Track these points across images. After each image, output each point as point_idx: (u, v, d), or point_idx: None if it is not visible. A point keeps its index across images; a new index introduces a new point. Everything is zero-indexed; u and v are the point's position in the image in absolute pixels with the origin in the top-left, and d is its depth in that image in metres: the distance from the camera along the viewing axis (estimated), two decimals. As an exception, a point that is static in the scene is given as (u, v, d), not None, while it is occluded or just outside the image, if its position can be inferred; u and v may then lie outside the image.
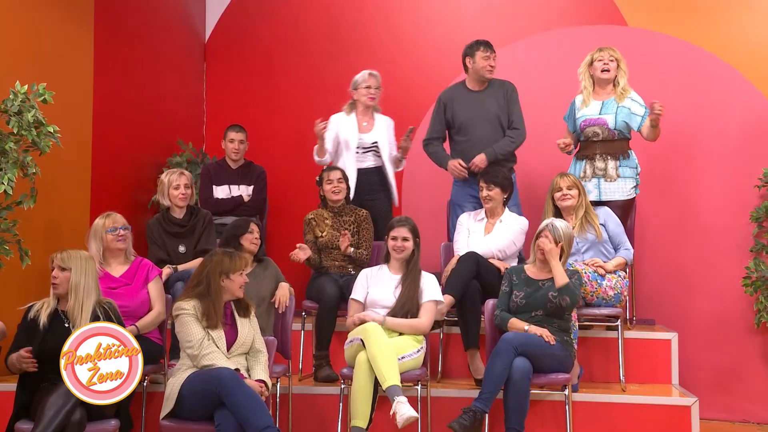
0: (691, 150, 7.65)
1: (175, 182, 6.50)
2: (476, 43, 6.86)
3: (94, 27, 7.41)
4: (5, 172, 5.95)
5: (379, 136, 7.04)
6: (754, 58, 7.63)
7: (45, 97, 6.12)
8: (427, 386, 5.85)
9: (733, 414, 7.28)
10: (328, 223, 6.59)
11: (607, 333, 6.41)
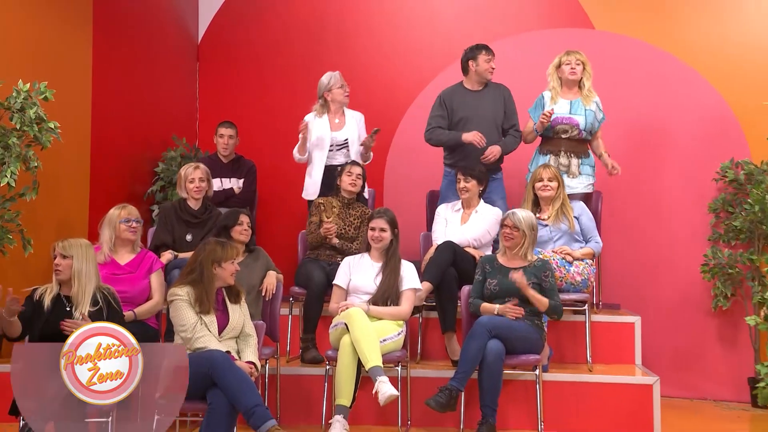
0: (654, 146, 7.67)
1: (190, 176, 6.48)
2: (478, 47, 6.85)
3: (92, 29, 7.38)
4: (8, 166, 5.94)
5: (350, 133, 6.97)
6: (711, 59, 7.67)
7: (46, 95, 6.11)
8: (407, 367, 5.85)
9: (692, 392, 7.33)
10: (335, 211, 6.55)
11: (575, 317, 6.42)
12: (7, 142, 5.97)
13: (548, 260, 5.91)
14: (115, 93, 7.59)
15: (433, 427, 5.78)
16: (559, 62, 6.73)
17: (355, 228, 6.54)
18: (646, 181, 7.68)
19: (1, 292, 5.09)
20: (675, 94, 7.69)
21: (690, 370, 7.40)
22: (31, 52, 6.66)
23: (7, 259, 6.13)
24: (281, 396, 5.98)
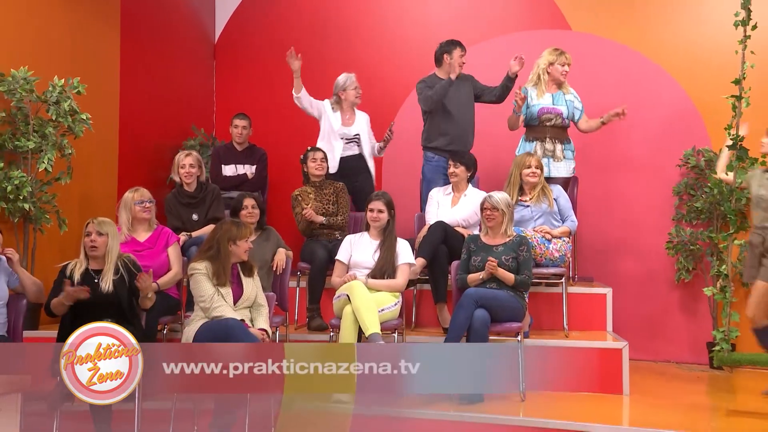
0: (623, 136, 7.65)
1: (181, 162, 6.50)
2: (453, 43, 6.83)
3: (120, 31, 7.38)
4: (46, 153, 5.94)
5: (360, 128, 7.02)
6: (675, 57, 7.65)
7: (79, 89, 6.12)
8: (402, 334, 5.84)
9: (657, 355, 7.34)
10: (311, 197, 6.56)
11: (552, 289, 6.42)
12: (44, 131, 5.98)
13: (526, 237, 5.90)
14: (140, 88, 7.57)
15: (425, 387, 5.78)
16: (549, 62, 6.69)
17: (333, 203, 6.56)
18: (616, 167, 7.67)
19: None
20: (642, 88, 7.67)
21: (655, 335, 7.41)
22: (65, 51, 6.64)
23: (45, 236, 6.14)
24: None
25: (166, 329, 5.82)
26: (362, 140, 7.02)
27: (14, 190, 5.76)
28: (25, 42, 6.25)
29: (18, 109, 5.95)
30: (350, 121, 7.02)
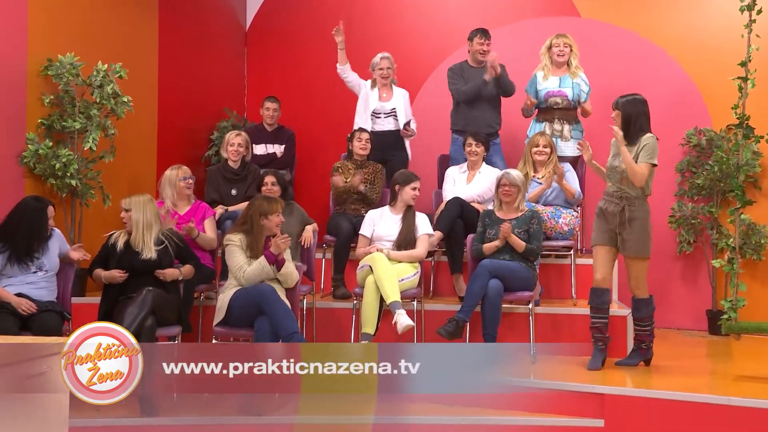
0: (630, 116, 7.60)
1: (231, 140, 6.54)
2: (475, 31, 6.81)
3: (158, 18, 7.37)
4: (91, 133, 5.98)
5: (396, 103, 6.98)
6: (678, 41, 7.57)
7: (121, 74, 6.13)
8: (421, 302, 5.87)
9: (659, 322, 7.16)
10: (351, 172, 6.56)
11: (562, 260, 6.41)
12: (89, 113, 6.01)
13: (538, 211, 5.90)
14: (177, 72, 7.58)
15: (442, 351, 5.81)
16: (550, 44, 6.67)
17: (370, 182, 6.55)
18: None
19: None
20: (647, 71, 7.60)
21: (658, 303, 7.18)
22: (108, 38, 6.66)
23: (90, 210, 6.19)
24: (317, 325, 6.03)
25: (202, 296, 5.89)
26: (399, 115, 6.97)
27: (62, 168, 5.81)
28: (71, 30, 6.28)
29: (65, 92, 5.98)
30: (387, 97, 7.00)
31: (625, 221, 5.20)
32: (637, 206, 5.20)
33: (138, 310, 4.87)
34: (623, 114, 5.25)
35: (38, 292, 4.89)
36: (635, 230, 5.20)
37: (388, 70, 6.99)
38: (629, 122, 5.24)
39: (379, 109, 6.96)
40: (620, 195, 5.22)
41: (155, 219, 5.26)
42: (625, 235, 5.23)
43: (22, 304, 4.72)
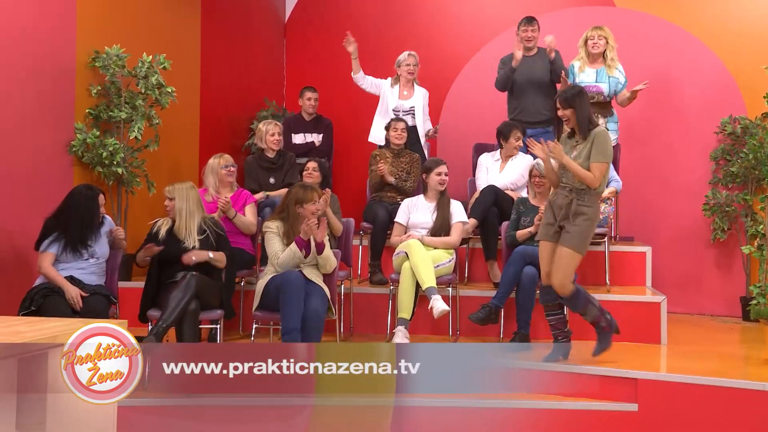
0: (665, 105, 7.54)
1: (270, 131, 6.52)
2: (522, 19, 6.75)
3: (201, 10, 7.43)
4: (136, 123, 6.03)
5: (416, 102, 6.96)
6: (714, 30, 7.49)
7: (165, 65, 6.16)
8: (456, 288, 5.87)
9: (693, 308, 7.28)
10: (388, 160, 6.57)
11: (596, 247, 6.36)
12: (134, 103, 6.06)
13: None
14: (218, 63, 7.64)
15: (477, 337, 5.81)
16: (586, 37, 6.60)
17: (406, 171, 6.54)
18: (657, 135, 7.56)
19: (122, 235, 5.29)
20: (682, 60, 7.53)
21: (691, 290, 7.35)
22: (153, 30, 6.72)
23: (136, 198, 6.26)
24: (354, 310, 6.05)
25: (243, 282, 5.94)
26: (416, 113, 6.97)
27: (109, 156, 5.88)
28: (117, 22, 6.35)
29: (111, 83, 6.05)
30: (408, 95, 6.98)
31: (570, 214, 4.82)
32: (585, 201, 4.81)
33: (182, 294, 4.93)
34: (577, 111, 4.82)
35: (88, 277, 4.97)
36: (577, 223, 4.79)
37: (414, 67, 6.97)
38: (583, 118, 4.83)
39: (398, 107, 6.95)
40: (571, 188, 4.85)
41: (197, 207, 5.30)
42: (567, 227, 4.83)
43: (73, 297, 4.79)
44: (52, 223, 4.96)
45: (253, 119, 8.02)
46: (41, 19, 5.67)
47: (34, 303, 4.70)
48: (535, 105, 6.66)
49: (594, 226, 4.90)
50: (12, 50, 5.43)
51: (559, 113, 4.91)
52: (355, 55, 6.99)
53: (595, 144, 4.77)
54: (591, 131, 4.82)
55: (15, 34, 5.45)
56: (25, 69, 5.54)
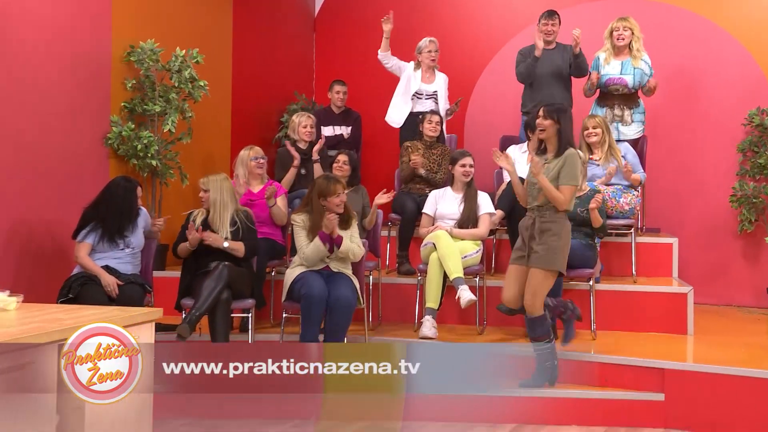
0: (693, 97, 7.47)
1: (303, 122, 6.51)
2: (542, 13, 6.70)
3: (233, 5, 7.47)
4: (170, 116, 6.07)
5: (438, 86, 6.95)
6: (742, 22, 7.40)
7: (198, 59, 6.19)
8: (483, 278, 5.84)
9: (720, 299, 7.21)
10: (420, 152, 6.56)
11: (622, 239, 6.33)
12: (168, 96, 6.10)
13: (600, 191, 5.82)
14: (249, 58, 7.67)
15: (503, 327, 5.79)
16: (611, 29, 6.54)
17: (438, 164, 6.52)
18: (685, 126, 7.49)
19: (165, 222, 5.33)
20: (709, 52, 7.45)
21: (718, 282, 7.28)
22: (186, 25, 6.77)
23: (169, 189, 6.32)
24: (382, 300, 6.06)
25: (274, 272, 5.97)
26: (439, 97, 6.95)
27: (143, 149, 5.93)
28: (151, 17, 6.39)
29: (146, 77, 6.10)
30: (430, 79, 6.97)
31: (535, 233, 4.64)
32: (548, 217, 4.63)
33: (215, 283, 4.97)
34: (561, 126, 4.64)
35: (124, 267, 5.02)
36: (544, 241, 4.60)
37: (435, 53, 6.96)
38: (561, 135, 4.65)
39: (421, 91, 6.94)
40: (533, 208, 4.70)
41: (231, 198, 5.32)
42: (533, 246, 4.65)
43: (109, 285, 4.84)
44: (91, 213, 5.01)
45: (283, 112, 8.04)
46: (78, 16, 5.73)
47: (72, 291, 4.77)
48: (553, 98, 6.60)
49: (564, 241, 4.66)
50: (51, 46, 5.49)
51: (538, 122, 4.68)
52: (387, 35, 6.98)
53: (567, 165, 4.59)
54: (565, 152, 4.64)
55: (54, 30, 5.51)
56: (63, 64, 5.60)
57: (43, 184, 5.43)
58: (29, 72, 5.35)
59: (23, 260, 5.28)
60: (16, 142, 5.25)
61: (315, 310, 5.03)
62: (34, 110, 5.39)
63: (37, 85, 5.41)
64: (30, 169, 5.35)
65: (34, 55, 5.38)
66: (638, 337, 5.61)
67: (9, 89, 5.20)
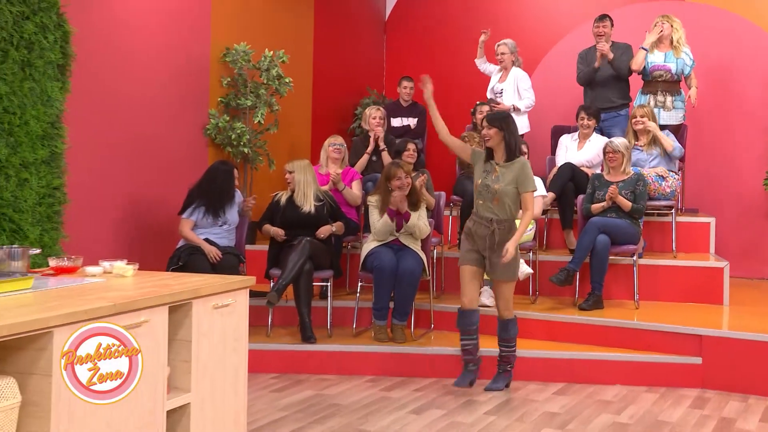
0: (729, 88, 7.22)
1: (373, 115, 6.48)
2: (596, 18, 6.58)
3: (314, 11, 7.48)
4: (259, 109, 6.15)
5: (506, 85, 6.82)
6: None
7: (283, 59, 6.26)
8: (536, 253, 5.79)
9: (753, 273, 7.00)
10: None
11: (664, 218, 6.18)
12: (258, 92, 6.18)
13: (643, 174, 5.69)
14: (328, 57, 7.69)
15: (555, 297, 5.74)
16: (654, 24, 6.39)
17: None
18: (722, 116, 7.25)
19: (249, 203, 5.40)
20: (745, 48, 7.18)
21: (752, 257, 7.04)
22: (273, 29, 6.82)
23: (259, 173, 6.40)
24: (445, 272, 6.04)
25: (349, 246, 6.01)
26: (505, 95, 6.80)
27: (237, 138, 6.02)
28: (244, 22, 6.46)
29: (239, 76, 6.18)
30: (502, 78, 6.89)
31: (495, 245, 4.36)
32: (506, 228, 4.36)
33: (298, 256, 5.03)
34: (505, 134, 4.35)
35: (221, 240, 5.12)
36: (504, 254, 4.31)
37: (502, 54, 6.86)
38: (510, 141, 4.36)
39: (496, 89, 6.88)
40: (490, 218, 4.37)
41: (313, 180, 5.40)
42: (494, 259, 4.37)
43: (211, 252, 4.95)
44: (195, 193, 5.12)
45: (357, 105, 8.06)
46: (183, 25, 5.83)
47: (181, 260, 4.89)
48: (605, 93, 6.51)
49: (517, 248, 4.41)
50: (158, 49, 5.62)
51: (484, 132, 4.41)
52: (482, 44, 6.94)
53: (524, 173, 4.33)
54: (516, 158, 4.37)
55: (163, 37, 5.64)
56: (170, 66, 5.72)
57: (152, 169, 5.57)
58: (143, 73, 5.49)
59: (137, 233, 5.43)
60: (131, 132, 5.39)
61: (385, 280, 5.06)
62: (147, 105, 5.53)
63: (149, 84, 5.54)
64: (142, 156, 5.49)
65: (147, 59, 5.52)
66: (678, 307, 5.49)
67: (128, 88, 5.35)
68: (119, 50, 5.28)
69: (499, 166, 4.37)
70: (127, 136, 5.35)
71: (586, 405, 4.39)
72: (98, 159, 5.11)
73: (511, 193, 4.35)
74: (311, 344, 4.99)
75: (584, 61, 6.61)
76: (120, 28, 5.28)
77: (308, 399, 4.42)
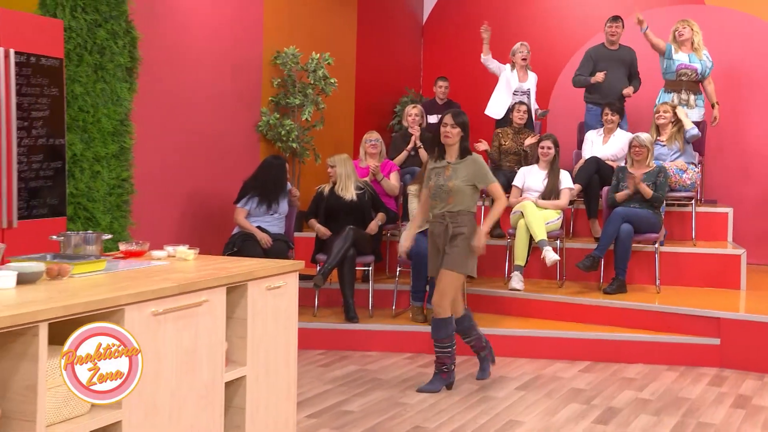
0: (746, 87, 7.06)
1: (410, 112, 6.48)
2: (609, 18, 6.51)
3: (357, 16, 7.48)
4: (306, 107, 6.18)
5: (531, 84, 6.80)
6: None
7: (329, 61, 6.27)
8: (563, 241, 5.74)
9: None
10: (509, 137, 6.46)
11: (684, 208, 6.08)
12: (305, 92, 6.21)
13: (665, 167, 5.60)
14: (369, 59, 7.69)
15: (581, 282, 5.68)
16: (674, 29, 6.27)
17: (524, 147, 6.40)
18: (739, 113, 7.08)
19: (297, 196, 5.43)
20: (759, 46, 7.02)
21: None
22: (320, 32, 6.85)
23: (306, 166, 6.45)
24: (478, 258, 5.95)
25: (389, 234, 6.02)
26: (531, 94, 6.80)
27: (286, 134, 6.06)
28: (293, 27, 6.50)
29: (288, 76, 6.21)
30: (524, 78, 6.82)
31: (448, 238, 4.07)
32: (460, 222, 4.06)
33: (342, 243, 5.06)
34: (464, 134, 4.17)
35: (272, 228, 5.18)
36: (456, 244, 4.03)
37: (526, 54, 6.80)
38: (465, 141, 4.18)
39: (518, 89, 6.79)
40: (443, 214, 4.09)
41: (353, 172, 5.44)
42: (447, 250, 4.07)
43: (263, 239, 5.01)
44: (250, 184, 5.18)
45: (396, 104, 8.05)
46: (238, 29, 5.89)
47: (236, 246, 4.96)
48: (611, 89, 6.40)
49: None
50: (216, 53, 5.68)
51: (447, 129, 4.13)
52: (487, 41, 6.85)
53: (481, 169, 4.11)
54: (467, 156, 4.15)
55: (219, 41, 5.70)
56: (225, 66, 5.78)
57: (210, 162, 5.65)
58: (203, 75, 5.56)
59: (196, 221, 5.52)
60: (191, 129, 5.47)
61: (422, 265, 5.05)
62: (205, 104, 5.60)
63: (207, 84, 5.61)
64: (200, 150, 5.57)
65: (206, 62, 5.59)
66: (697, 292, 5.41)
67: (189, 88, 5.43)
68: (181, 54, 5.36)
69: (452, 164, 4.12)
70: (187, 133, 5.44)
71: (611, 382, 4.36)
72: (162, 153, 5.20)
73: (466, 189, 4.09)
74: (354, 323, 5.03)
75: (590, 59, 6.52)
76: (182, 34, 5.36)
77: (352, 373, 4.46)
